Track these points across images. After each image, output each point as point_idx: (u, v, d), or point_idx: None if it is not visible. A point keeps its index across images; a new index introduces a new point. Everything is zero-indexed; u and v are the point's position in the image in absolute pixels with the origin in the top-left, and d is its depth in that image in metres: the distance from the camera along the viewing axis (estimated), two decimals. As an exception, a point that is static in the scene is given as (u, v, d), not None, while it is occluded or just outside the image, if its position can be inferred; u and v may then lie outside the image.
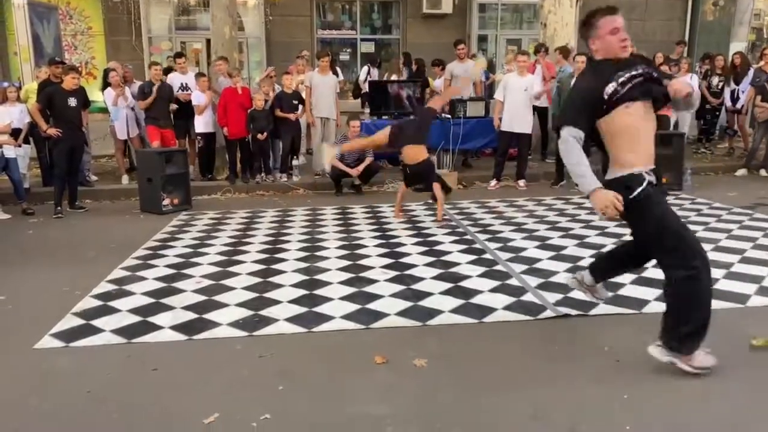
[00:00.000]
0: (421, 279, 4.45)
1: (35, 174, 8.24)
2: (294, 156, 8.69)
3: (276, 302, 4.05)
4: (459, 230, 5.92)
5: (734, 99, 9.75)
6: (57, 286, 4.46)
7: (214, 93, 8.37)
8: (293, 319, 3.76)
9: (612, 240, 5.30)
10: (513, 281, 4.38)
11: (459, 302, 3.98)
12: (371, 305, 3.96)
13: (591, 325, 3.61)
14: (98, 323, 3.76)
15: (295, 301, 4.06)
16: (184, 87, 8.50)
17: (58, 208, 6.94)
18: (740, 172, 8.81)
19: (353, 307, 3.93)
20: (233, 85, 8.15)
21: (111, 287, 4.43)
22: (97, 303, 4.11)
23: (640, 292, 4.06)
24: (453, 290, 4.21)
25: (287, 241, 5.61)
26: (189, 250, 5.39)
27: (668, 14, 13.77)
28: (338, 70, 10.24)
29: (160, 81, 8.13)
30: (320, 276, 4.57)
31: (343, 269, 4.73)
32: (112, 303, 4.10)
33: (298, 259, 5.02)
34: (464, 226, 6.05)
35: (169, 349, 3.40)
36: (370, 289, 4.26)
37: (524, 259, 4.88)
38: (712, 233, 5.53)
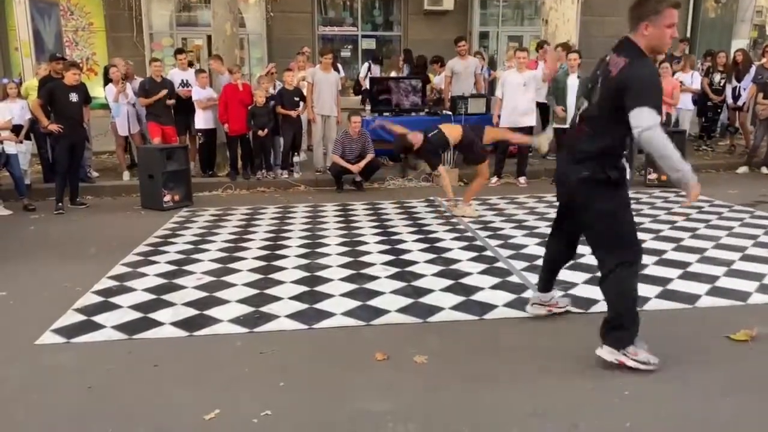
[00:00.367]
0: (422, 276, 4.46)
1: (36, 170, 8.24)
2: (295, 153, 8.69)
3: (277, 299, 4.06)
4: (460, 227, 5.92)
5: (736, 96, 9.73)
6: (58, 282, 4.47)
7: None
8: (294, 316, 3.76)
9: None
10: (514, 278, 4.39)
11: (460, 299, 3.99)
12: (372, 302, 3.96)
13: (591, 322, 3.59)
14: (99, 319, 3.77)
15: (296, 298, 4.06)
16: (185, 83, 8.50)
17: (59, 204, 6.95)
18: (741, 170, 8.80)
19: (354, 304, 3.93)
20: (234, 82, 8.14)
21: (112, 283, 4.44)
22: (98, 299, 4.12)
23: (641, 290, 4.00)
24: (454, 287, 4.22)
25: (288, 238, 5.61)
26: (190, 247, 5.39)
27: (670, 11, 13.72)
28: (339, 67, 10.22)
29: (161, 77, 8.13)
30: (321, 273, 4.58)
31: (344, 266, 4.73)
32: (113, 299, 4.11)
33: (299, 256, 5.02)
34: (465, 223, 6.05)
35: (170, 346, 3.41)
36: (371, 286, 4.26)
37: (525, 256, 4.88)
38: (713, 231, 5.53)
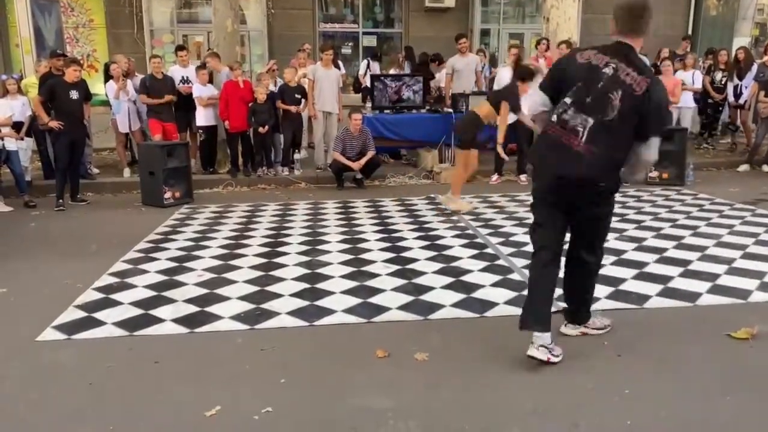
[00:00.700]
0: (423, 273, 4.46)
1: (37, 167, 8.23)
2: (296, 150, 8.69)
3: (277, 296, 4.05)
4: (460, 225, 5.92)
5: (737, 94, 9.72)
6: (59, 279, 4.46)
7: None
8: (295, 313, 3.76)
9: (614, 235, 5.29)
10: (514, 276, 4.39)
11: (460, 296, 3.99)
12: (373, 299, 3.96)
13: (592, 320, 3.61)
14: (100, 316, 3.77)
15: (297, 295, 4.06)
16: (185, 80, 8.48)
17: (60, 201, 6.95)
18: (742, 168, 8.79)
19: (355, 301, 3.93)
20: (234, 79, 8.13)
21: (113, 280, 4.44)
22: (99, 296, 4.12)
23: (641, 288, 4.07)
24: (454, 284, 4.21)
25: (289, 235, 5.61)
26: (190, 244, 5.39)
27: (671, 9, 13.68)
28: (340, 64, 10.20)
29: (162, 74, 8.12)
30: (322, 270, 4.58)
31: (345, 263, 4.73)
32: (114, 296, 4.11)
33: (300, 253, 5.02)
34: (466, 221, 6.05)
35: (171, 342, 3.41)
36: (372, 283, 4.26)
37: (526, 254, 4.85)
38: (714, 229, 5.53)
